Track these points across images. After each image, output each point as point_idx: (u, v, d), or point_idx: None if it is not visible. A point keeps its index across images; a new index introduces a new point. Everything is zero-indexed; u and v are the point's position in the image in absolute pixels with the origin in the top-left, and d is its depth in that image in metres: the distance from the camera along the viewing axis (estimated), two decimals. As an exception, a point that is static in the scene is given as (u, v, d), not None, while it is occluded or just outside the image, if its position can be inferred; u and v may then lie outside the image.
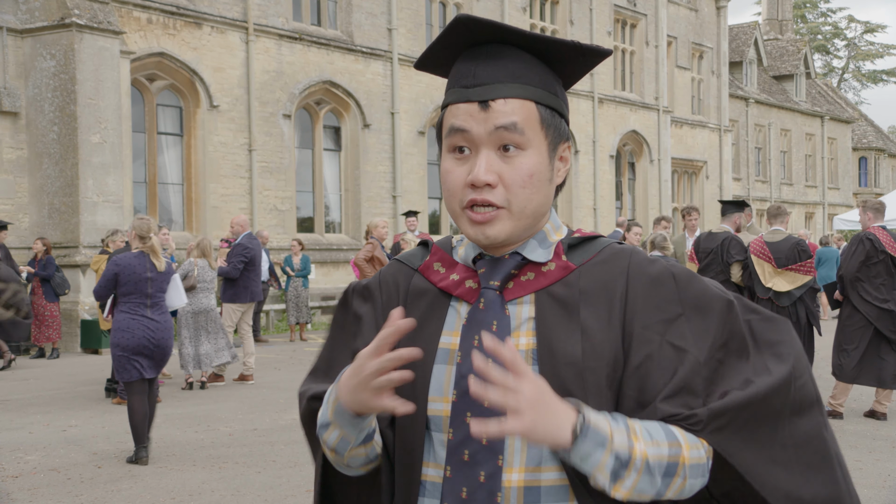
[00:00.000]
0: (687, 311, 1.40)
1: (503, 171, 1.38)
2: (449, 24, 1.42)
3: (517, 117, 1.38)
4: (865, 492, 5.93)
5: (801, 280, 8.14)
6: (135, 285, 7.04)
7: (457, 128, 1.40)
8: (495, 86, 1.39)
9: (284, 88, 19.23)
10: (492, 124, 1.37)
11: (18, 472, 6.60)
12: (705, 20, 33.37)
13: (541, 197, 1.41)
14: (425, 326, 1.46)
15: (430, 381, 1.42)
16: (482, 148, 1.39)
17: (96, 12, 15.21)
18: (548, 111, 1.42)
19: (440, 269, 1.51)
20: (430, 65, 1.50)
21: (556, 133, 1.43)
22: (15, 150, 15.13)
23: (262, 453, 7.14)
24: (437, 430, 1.41)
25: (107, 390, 9.90)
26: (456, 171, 1.41)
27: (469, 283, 1.46)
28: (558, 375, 1.35)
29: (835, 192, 43.19)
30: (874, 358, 8.13)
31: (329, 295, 19.23)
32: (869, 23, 57.63)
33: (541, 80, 1.42)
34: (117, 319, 7.03)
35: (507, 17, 23.70)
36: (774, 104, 38.97)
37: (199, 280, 10.29)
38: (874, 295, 8.08)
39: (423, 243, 1.58)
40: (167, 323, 7.17)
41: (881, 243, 8.10)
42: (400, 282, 1.53)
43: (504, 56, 1.41)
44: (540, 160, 1.40)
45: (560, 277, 1.43)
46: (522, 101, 1.39)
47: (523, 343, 1.39)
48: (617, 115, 28.31)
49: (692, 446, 1.33)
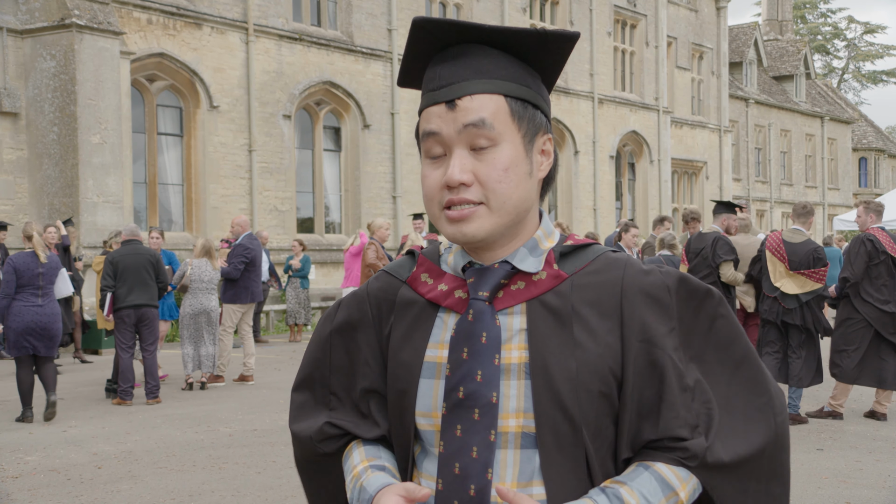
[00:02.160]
0: (681, 324, 1.40)
1: (477, 168, 1.35)
2: (409, 31, 1.40)
3: (485, 113, 1.35)
4: (865, 492, 5.93)
5: (810, 286, 8.02)
6: (29, 279, 8.52)
7: (428, 131, 1.38)
8: (460, 84, 1.36)
9: (284, 89, 19.23)
10: (460, 123, 1.35)
11: (18, 473, 6.60)
12: (705, 21, 33.37)
13: (521, 191, 1.38)
14: (411, 339, 1.44)
15: (416, 397, 1.41)
16: (455, 148, 1.36)
17: (96, 13, 15.22)
18: (519, 103, 1.38)
19: (427, 280, 1.47)
20: (408, 79, 1.48)
21: (531, 125, 1.39)
22: (15, 150, 15.13)
23: (263, 454, 7.14)
24: (430, 444, 1.41)
25: (107, 391, 9.90)
26: (432, 175, 1.39)
27: (458, 294, 1.43)
28: (553, 390, 1.34)
29: (835, 193, 43.19)
30: (874, 358, 8.13)
31: (329, 295, 19.23)
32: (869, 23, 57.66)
33: (508, 73, 1.38)
34: (13, 306, 8.47)
35: (507, 18, 23.71)
36: (774, 105, 38.97)
37: (194, 280, 10.28)
38: (875, 296, 8.07)
39: (409, 253, 1.55)
40: (53, 308, 8.66)
41: (882, 244, 8.11)
42: (388, 294, 1.51)
43: (468, 54, 1.38)
44: (515, 153, 1.37)
45: (551, 287, 1.40)
46: (489, 95, 1.36)
47: (515, 356, 1.37)
48: (617, 116, 28.31)
49: (685, 482, 1.37)
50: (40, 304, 8.54)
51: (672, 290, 1.41)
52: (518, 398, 1.35)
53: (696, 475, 1.37)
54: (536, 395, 1.34)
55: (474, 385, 1.35)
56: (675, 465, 1.36)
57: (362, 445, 1.48)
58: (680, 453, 1.35)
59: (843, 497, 5.81)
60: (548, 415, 1.33)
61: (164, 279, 9.69)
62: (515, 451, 1.35)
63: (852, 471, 6.47)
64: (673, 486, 1.35)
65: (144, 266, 9.45)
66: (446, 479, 1.36)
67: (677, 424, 1.35)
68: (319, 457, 1.52)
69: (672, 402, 1.36)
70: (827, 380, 9.14)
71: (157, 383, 9.54)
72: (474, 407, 1.34)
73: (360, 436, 1.48)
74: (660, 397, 1.36)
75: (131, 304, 9.37)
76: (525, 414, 1.35)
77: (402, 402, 1.42)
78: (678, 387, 1.36)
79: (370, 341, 1.49)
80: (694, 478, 1.37)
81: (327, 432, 1.49)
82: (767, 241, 8.37)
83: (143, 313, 9.46)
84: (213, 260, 10.45)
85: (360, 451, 1.47)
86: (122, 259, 9.43)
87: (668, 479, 1.35)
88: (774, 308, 8.09)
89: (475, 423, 1.34)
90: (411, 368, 1.41)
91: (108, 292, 9.36)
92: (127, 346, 9.45)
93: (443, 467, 1.36)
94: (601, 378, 1.35)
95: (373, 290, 1.53)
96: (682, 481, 1.36)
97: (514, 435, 1.35)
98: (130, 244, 9.65)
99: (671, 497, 1.35)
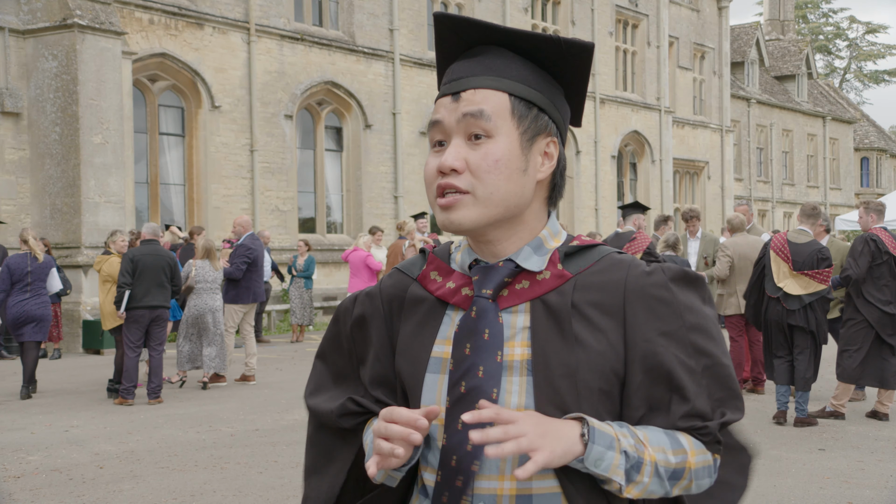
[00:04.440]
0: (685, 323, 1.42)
1: (470, 157, 1.40)
2: (434, 30, 1.47)
3: (485, 105, 1.40)
4: (867, 492, 5.93)
5: (814, 287, 7.93)
6: (20, 277, 10.02)
7: (433, 121, 1.44)
8: (469, 79, 1.43)
9: (286, 89, 19.23)
10: (460, 112, 1.41)
11: (20, 473, 6.60)
12: (707, 20, 33.36)
13: (511, 186, 1.40)
14: (419, 335, 1.47)
15: (422, 391, 1.43)
16: (453, 136, 1.42)
17: (98, 13, 15.22)
18: (523, 103, 1.42)
19: (437, 277, 1.51)
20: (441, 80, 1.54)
21: (532, 125, 1.43)
22: (17, 150, 15.14)
23: (264, 454, 7.14)
24: (434, 438, 1.43)
25: (109, 391, 9.90)
26: (432, 162, 1.44)
27: (465, 291, 1.46)
28: (553, 386, 1.36)
29: (837, 193, 43.17)
30: (877, 359, 8.12)
31: (331, 295, 19.23)
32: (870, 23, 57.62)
33: (519, 74, 1.43)
34: (9, 301, 10.00)
35: (509, 18, 23.71)
36: (776, 104, 38.95)
37: (198, 281, 10.29)
38: (877, 297, 8.06)
39: (422, 251, 1.59)
40: (41, 300, 10.13)
41: (885, 244, 8.10)
42: (399, 291, 1.54)
43: (485, 54, 1.45)
44: (509, 148, 1.40)
45: (555, 286, 1.42)
46: (493, 91, 1.41)
47: (518, 353, 1.39)
48: (618, 116, 28.31)
49: (698, 451, 1.38)
50: (27, 299, 10.01)
51: (674, 288, 1.43)
52: (520, 394, 1.38)
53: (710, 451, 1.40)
54: (538, 391, 1.36)
55: (476, 381, 1.38)
56: (691, 435, 1.39)
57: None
58: (699, 431, 1.39)
59: (846, 497, 5.80)
60: (548, 410, 1.35)
61: (179, 283, 9.81)
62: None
63: (854, 471, 6.46)
64: (682, 445, 1.37)
65: (163, 268, 9.51)
66: (445, 471, 1.38)
67: (692, 413, 1.38)
68: (337, 430, 1.55)
69: (685, 397, 1.38)
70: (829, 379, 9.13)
71: (160, 383, 9.55)
72: (475, 402, 1.37)
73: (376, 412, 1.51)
74: (671, 394, 1.38)
75: (147, 305, 9.40)
76: (526, 410, 1.37)
77: (409, 396, 1.46)
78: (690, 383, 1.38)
79: (381, 336, 1.53)
80: (708, 455, 1.40)
81: (349, 408, 1.52)
82: (772, 242, 8.33)
83: (157, 314, 9.53)
84: (213, 260, 10.45)
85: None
86: (142, 258, 9.43)
87: (679, 440, 1.38)
88: (777, 309, 8.02)
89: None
90: (418, 363, 1.45)
91: (125, 290, 9.37)
92: (135, 345, 9.45)
93: (443, 460, 1.39)
94: (602, 376, 1.37)
95: (385, 288, 1.56)
96: (693, 448, 1.38)
97: None
98: (150, 244, 9.66)
99: (679, 452, 1.37)
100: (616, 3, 28.14)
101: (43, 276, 10.16)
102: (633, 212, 10.06)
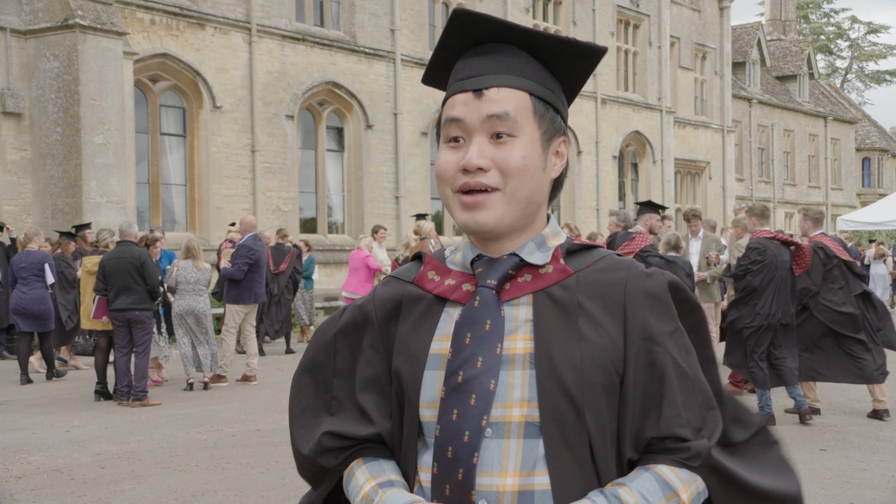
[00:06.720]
0: (682, 325, 1.44)
1: (495, 155, 1.40)
2: (447, 23, 1.46)
3: (509, 106, 1.41)
4: (868, 493, 5.93)
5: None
6: (18, 272, 11.12)
7: (452, 118, 1.43)
8: (490, 76, 1.42)
9: (287, 89, 19.24)
10: (484, 112, 1.41)
11: (22, 473, 6.61)
12: (708, 21, 33.35)
13: (534, 183, 1.42)
14: (417, 332, 1.47)
15: (420, 388, 1.43)
16: (475, 135, 1.42)
17: (99, 13, 15.23)
18: (541, 103, 1.44)
19: (434, 277, 1.51)
20: (435, 73, 1.53)
21: (550, 125, 1.45)
22: (18, 150, 15.15)
23: (266, 454, 7.14)
24: (430, 436, 1.42)
25: (96, 393, 9.85)
26: (449, 158, 1.43)
27: (466, 287, 1.46)
28: (557, 379, 1.36)
29: (838, 193, 43.14)
30: (848, 359, 8.16)
31: (332, 296, 19.23)
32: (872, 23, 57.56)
33: (535, 74, 1.45)
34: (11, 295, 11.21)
35: (510, 18, 23.60)
36: (777, 105, 38.93)
37: (180, 282, 10.26)
38: (832, 299, 8.24)
39: (416, 257, 1.59)
40: (37, 293, 11.02)
41: (832, 250, 8.31)
42: (395, 295, 1.52)
43: (500, 51, 1.45)
44: (532, 148, 1.42)
45: (558, 280, 1.44)
46: (516, 90, 1.42)
47: (520, 347, 1.40)
48: (620, 116, 28.30)
49: (688, 482, 1.38)
50: (24, 292, 10.99)
51: (672, 293, 1.45)
52: (523, 387, 1.37)
53: (700, 476, 1.39)
54: (541, 384, 1.36)
55: (474, 371, 1.38)
56: (677, 466, 1.37)
57: (363, 464, 1.48)
58: (682, 454, 1.37)
59: (847, 497, 5.80)
60: (552, 403, 1.36)
61: (152, 281, 9.46)
62: (519, 440, 1.37)
63: (855, 471, 6.46)
64: (674, 488, 1.36)
65: (127, 269, 9.35)
66: (440, 462, 1.37)
67: (678, 423, 1.37)
68: (319, 470, 1.52)
69: (674, 401, 1.38)
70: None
71: (143, 386, 9.43)
72: (472, 392, 1.37)
73: (356, 435, 1.48)
74: (661, 395, 1.38)
75: (116, 309, 9.41)
76: (529, 403, 1.37)
77: (407, 395, 1.44)
78: (680, 387, 1.39)
79: (374, 341, 1.51)
80: (698, 480, 1.39)
81: (326, 445, 1.49)
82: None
83: (129, 317, 9.42)
84: (196, 261, 10.38)
85: (363, 471, 1.47)
86: (108, 263, 9.47)
87: (670, 480, 1.36)
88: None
89: (471, 408, 1.36)
90: (417, 361, 1.44)
91: (97, 294, 9.62)
92: (120, 346, 9.49)
93: (438, 451, 1.38)
94: (604, 371, 1.38)
95: (379, 294, 1.55)
96: (685, 483, 1.37)
97: (517, 424, 1.37)
98: (119, 246, 9.63)
99: (672, 498, 1.36)
100: (617, 4, 28.14)
101: (35, 271, 11.03)
102: (646, 211, 9.94)
